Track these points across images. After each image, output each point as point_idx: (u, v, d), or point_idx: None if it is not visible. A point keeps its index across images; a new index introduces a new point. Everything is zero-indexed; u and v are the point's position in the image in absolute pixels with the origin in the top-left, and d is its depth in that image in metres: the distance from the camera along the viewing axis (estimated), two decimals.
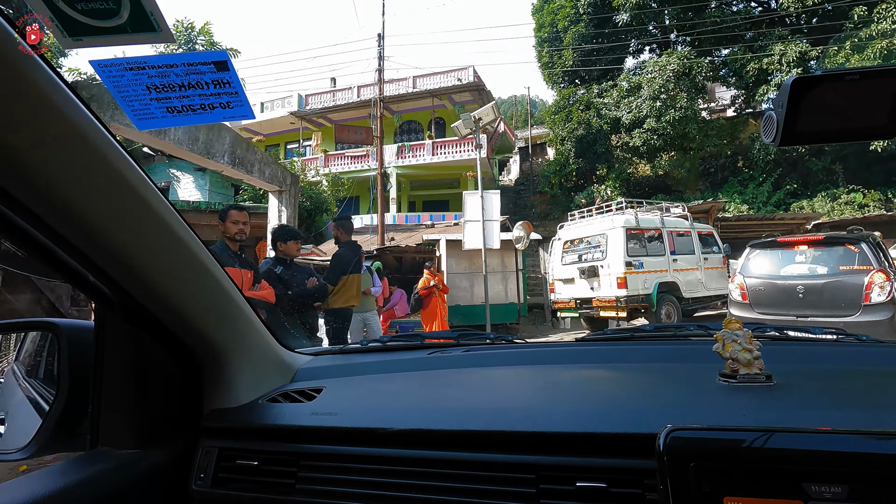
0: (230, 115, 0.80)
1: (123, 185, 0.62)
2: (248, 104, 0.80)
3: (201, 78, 0.76)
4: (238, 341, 0.94)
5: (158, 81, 0.75)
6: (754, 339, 0.83)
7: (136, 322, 0.80)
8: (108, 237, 0.64)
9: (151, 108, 0.77)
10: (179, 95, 0.77)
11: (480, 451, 0.73)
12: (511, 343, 1.41)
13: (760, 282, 5.73)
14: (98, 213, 0.61)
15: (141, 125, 0.76)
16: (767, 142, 0.69)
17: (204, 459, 0.88)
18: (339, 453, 0.81)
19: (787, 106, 0.64)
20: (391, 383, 1.08)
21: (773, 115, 0.67)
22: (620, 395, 0.88)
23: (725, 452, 0.55)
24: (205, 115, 0.79)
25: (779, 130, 0.65)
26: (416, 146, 21.34)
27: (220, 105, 0.78)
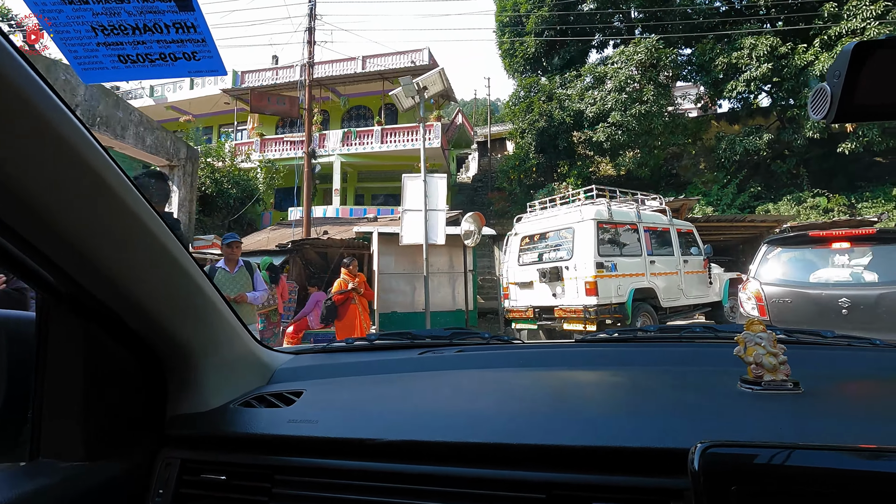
0: (196, 68, 0.67)
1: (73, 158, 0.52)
2: (218, 56, 0.67)
3: (159, 19, 0.63)
4: (208, 338, 0.84)
5: (106, 21, 0.62)
6: (779, 342, 0.76)
7: (87, 315, 0.70)
8: (55, 218, 0.54)
9: (99, 55, 0.64)
10: (133, 41, 0.64)
11: (482, 466, 0.65)
12: (508, 343, 1.32)
13: (785, 291, 4.19)
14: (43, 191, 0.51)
15: (87, 77, 0.64)
16: (817, 118, 0.62)
17: (164, 472, 0.78)
18: (319, 467, 0.72)
19: (845, 76, 0.56)
20: (379, 386, 0.99)
21: (825, 87, 0.60)
22: (636, 402, 0.78)
23: (772, 473, 0.48)
24: (165, 67, 0.66)
25: (833, 104, 0.58)
26: (363, 132, 19.33)
27: (183, 55, 0.65)
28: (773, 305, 4.18)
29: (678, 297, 7.80)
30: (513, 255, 8.28)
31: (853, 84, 0.57)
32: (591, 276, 6.66)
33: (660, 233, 7.87)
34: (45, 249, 0.59)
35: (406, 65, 19.03)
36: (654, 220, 7.93)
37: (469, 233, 8.56)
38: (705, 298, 8.37)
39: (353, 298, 6.16)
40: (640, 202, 8.46)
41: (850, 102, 0.58)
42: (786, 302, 4.13)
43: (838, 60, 0.57)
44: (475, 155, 27.41)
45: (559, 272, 7.14)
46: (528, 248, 8.03)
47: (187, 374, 0.84)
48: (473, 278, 10.13)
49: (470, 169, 27.51)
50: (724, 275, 9.23)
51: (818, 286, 4.10)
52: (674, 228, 8.08)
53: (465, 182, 25.37)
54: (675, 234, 8.05)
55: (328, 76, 19.90)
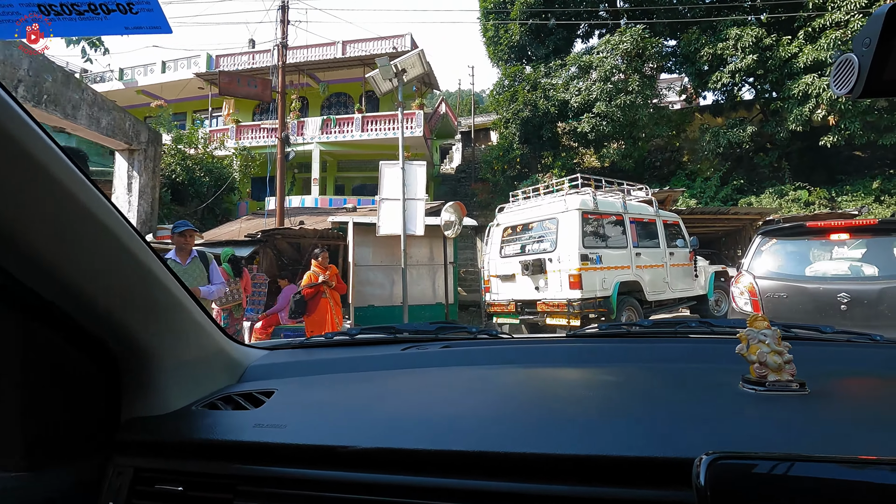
0: (134, 24, 0.58)
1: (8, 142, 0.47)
2: (159, 8, 0.60)
3: None
4: (168, 334, 0.77)
5: None
6: (784, 339, 0.73)
7: (24, 310, 0.62)
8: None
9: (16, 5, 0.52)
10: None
11: (466, 477, 0.60)
12: (496, 338, 1.26)
13: (780, 285, 3.93)
14: None
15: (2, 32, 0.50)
16: (840, 93, 0.55)
17: (115, 482, 0.71)
18: (286, 477, 0.65)
19: (877, 44, 0.51)
20: (356, 386, 0.92)
21: (852, 58, 0.54)
22: (633, 405, 0.73)
23: (783, 487, 0.45)
24: (96, 21, 0.57)
25: (862, 77, 0.52)
26: (343, 120, 18.76)
27: (118, 7, 0.57)
28: (767, 300, 3.93)
29: (664, 290, 7.58)
30: (494, 247, 7.96)
31: (886, 54, 0.51)
32: (576, 268, 6.38)
33: (646, 224, 7.63)
34: None
35: (388, 51, 18.47)
36: (640, 210, 7.68)
37: (449, 223, 8.21)
38: (691, 292, 8.18)
39: (324, 292, 5.77)
40: (626, 192, 8.19)
41: (880, 75, 0.52)
42: (781, 297, 3.88)
43: (869, 26, 0.52)
44: (459, 145, 27.02)
45: (542, 265, 6.84)
46: (511, 240, 7.72)
47: (145, 373, 0.77)
48: (454, 271, 9.80)
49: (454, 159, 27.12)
50: (709, 268, 9.07)
51: (815, 280, 3.85)
52: (660, 220, 7.84)
53: (448, 173, 25.01)
54: (662, 226, 7.81)
55: (307, 61, 19.23)
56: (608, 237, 6.96)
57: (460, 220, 8.27)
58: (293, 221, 11.19)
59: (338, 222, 9.98)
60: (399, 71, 8.30)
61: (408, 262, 7.91)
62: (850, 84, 0.54)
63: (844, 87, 0.55)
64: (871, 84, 0.52)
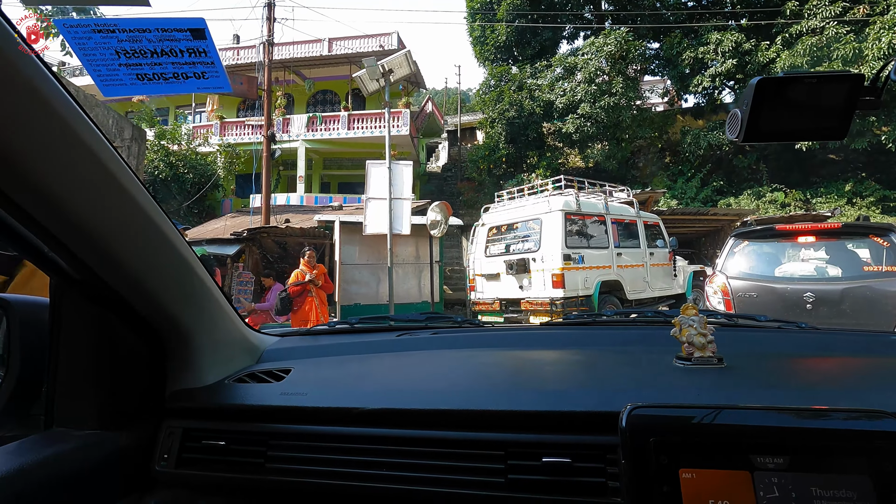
0: (205, 85, 0.76)
1: (91, 156, 0.58)
2: (224, 76, 0.77)
3: (175, 45, 0.72)
4: (204, 321, 0.90)
5: (129, 46, 0.71)
6: (708, 324, 0.89)
7: (96, 299, 0.76)
8: (73, 209, 0.60)
9: (120, 74, 0.72)
10: (151, 62, 0.73)
11: (452, 429, 0.74)
12: (479, 326, 1.40)
13: (751, 285, 4.11)
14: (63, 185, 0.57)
15: (107, 91, 0.72)
16: (731, 138, 0.72)
17: (167, 440, 0.85)
18: (309, 432, 0.79)
19: (751, 104, 0.68)
20: (360, 364, 1.07)
21: (737, 112, 0.71)
22: (584, 376, 0.90)
23: (681, 428, 0.58)
24: (177, 84, 0.74)
25: (742, 127, 0.70)
26: (329, 118, 18.68)
27: (194, 75, 0.75)
28: (738, 300, 4.11)
29: (644, 289, 7.78)
30: (480, 247, 8.07)
31: (758, 111, 0.67)
32: (559, 268, 6.52)
33: (627, 225, 7.81)
34: (62, 237, 0.63)
35: (374, 48, 18.45)
36: (621, 211, 7.86)
37: (435, 222, 8.30)
38: (670, 291, 8.40)
39: (311, 290, 5.82)
40: (609, 193, 8.37)
41: (756, 126, 0.68)
42: (751, 296, 4.06)
43: (746, 92, 0.67)
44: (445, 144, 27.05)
45: (526, 264, 6.98)
46: (496, 239, 7.84)
47: (185, 353, 0.89)
48: (440, 269, 9.90)
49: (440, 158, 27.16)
50: (688, 267, 9.32)
51: (783, 280, 4.04)
52: (641, 221, 8.03)
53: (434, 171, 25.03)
54: (642, 227, 8.01)
55: (292, 58, 19.09)
56: (590, 237, 7.12)
57: (446, 220, 8.36)
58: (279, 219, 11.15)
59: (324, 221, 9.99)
60: (386, 71, 8.35)
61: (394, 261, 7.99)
62: (737, 131, 0.70)
63: (733, 133, 0.71)
64: (749, 132, 0.68)
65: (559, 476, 0.66)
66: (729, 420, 0.59)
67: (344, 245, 8.92)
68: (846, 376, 0.89)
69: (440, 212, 8.30)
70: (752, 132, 0.69)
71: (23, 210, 0.59)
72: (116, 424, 0.80)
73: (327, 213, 11.80)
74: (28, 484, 0.64)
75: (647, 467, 0.57)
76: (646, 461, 0.57)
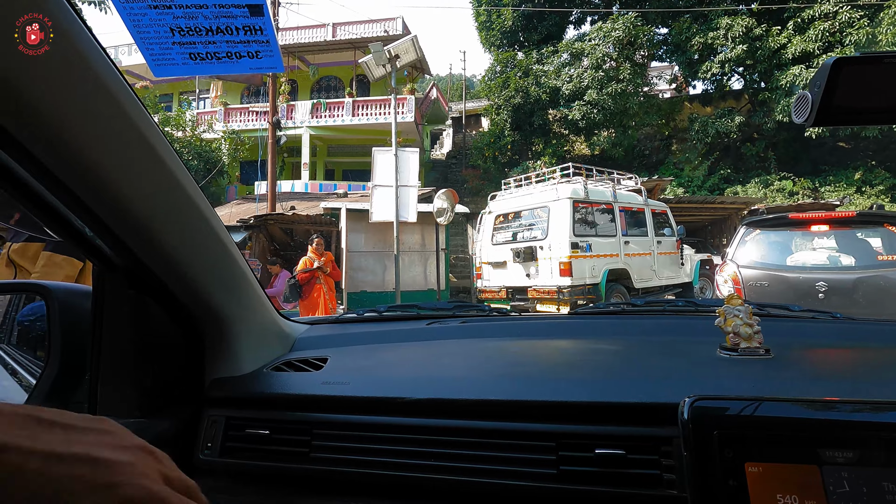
0: (257, 65, 0.73)
1: (141, 140, 0.58)
2: (278, 55, 0.73)
3: (232, 22, 0.70)
4: (242, 309, 0.90)
5: (184, 24, 0.68)
6: (754, 314, 0.87)
7: (137, 285, 0.77)
8: (122, 194, 0.60)
9: (172, 53, 0.70)
10: (205, 41, 0.70)
11: (500, 420, 0.73)
12: (506, 315, 1.39)
13: (762, 274, 4.09)
14: (114, 167, 0.58)
15: (158, 71, 0.71)
16: (799, 121, 0.72)
17: (210, 429, 0.85)
18: (353, 422, 0.79)
19: (825, 86, 0.66)
20: (395, 353, 1.07)
21: (807, 94, 0.69)
22: (629, 366, 0.88)
23: (746, 421, 0.57)
24: (230, 63, 0.72)
25: (813, 110, 0.68)
26: (333, 104, 18.54)
27: (247, 54, 0.72)
28: (749, 289, 4.10)
29: (651, 277, 7.76)
30: (486, 234, 8.06)
31: (832, 93, 0.65)
32: (566, 256, 6.51)
33: (634, 213, 7.77)
34: (108, 221, 0.63)
35: (379, 34, 18.23)
36: (629, 199, 7.81)
37: (442, 210, 8.27)
38: (677, 279, 8.38)
39: (319, 277, 5.83)
40: (616, 181, 8.32)
41: (828, 109, 0.67)
42: (763, 285, 4.05)
43: (819, 73, 0.66)
44: (450, 131, 26.86)
45: (533, 252, 6.96)
46: (502, 227, 7.82)
47: (223, 340, 0.89)
48: (446, 257, 9.90)
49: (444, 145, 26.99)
50: (695, 256, 9.28)
51: (795, 269, 4.02)
52: (648, 209, 7.99)
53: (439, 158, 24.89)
54: (650, 215, 7.97)
55: (296, 43, 18.91)
56: (598, 225, 7.09)
57: (452, 207, 8.33)
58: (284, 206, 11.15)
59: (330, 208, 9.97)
60: (393, 56, 8.27)
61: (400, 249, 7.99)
62: (806, 114, 0.69)
63: (801, 116, 0.70)
64: (820, 115, 0.67)
65: (612, 468, 0.65)
66: (793, 413, 0.57)
67: (350, 232, 8.92)
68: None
69: (447, 199, 8.26)
70: (824, 115, 0.67)
71: (73, 194, 0.58)
72: (157, 412, 0.80)
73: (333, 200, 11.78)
74: None
75: (712, 461, 0.56)
76: (710, 454, 0.56)
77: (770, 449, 0.55)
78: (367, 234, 9.10)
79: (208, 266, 0.78)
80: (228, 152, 17.34)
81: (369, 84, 19.41)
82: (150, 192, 0.63)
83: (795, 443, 0.55)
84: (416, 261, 9.64)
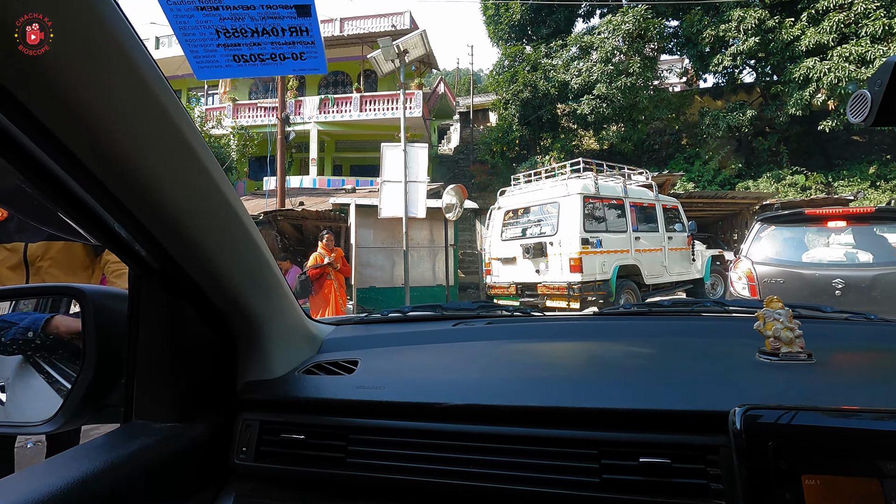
0: (301, 67, 0.71)
1: (183, 141, 0.58)
2: (322, 56, 0.72)
3: (278, 24, 0.68)
4: (273, 311, 0.88)
5: (230, 25, 0.67)
6: (794, 318, 0.84)
7: (173, 289, 0.76)
8: (164, 197, 0.60)
9: (217, 55, 0.69)
10: (250, 42, 0.69)
11: (540, 426, 0.72)
12: (530, 315, 1.37)
13: (778, 271, 4.04)
14: (157, 170, 0.58)
15: (201, 74, 0.70)
16: (855, 121, 0.69)
17: (245, 433, 0.84)
18: (390, 427, 0.78)
19: (887, 84, 0.64)
20: (427, 355, 1.05)
21: (866, 94, 0.67)
22: (669, 371, 0.86)
23: (801, 431, 0.56)
24: (273, 65, 0.71)
25: (873, 109, 0.66)
26: (341, 100, 18.54)
27: (292, 56, 0.71)
28: (764, 286, 4.05)
29: (661, 274, 7.71)
30: (495, 230, 8.04)
31: (893, 92, 0.63)
32: (577, 252, 6.48)
33: (645, 208, 7.71)
34: (150, 227, 0.63)
35: (386, 28, 18.18)
36: (640, 195, 7.75)
37: (451, 206, 8.25)
38: (688, 275, 8.32)
39: (329, 273, 5.85)
40: (627, 177, 8.25)
41: (890, 109, 0.64)
42: (778, 282, 4.00)
43: (881, 70, 0.64)
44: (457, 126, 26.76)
45: (543, 248, 6.94)
46: (512, 223, 7.79)
47: (255, 344, 0.88)
48: (454, 253, 9.90)
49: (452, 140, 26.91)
50: (706, 252, 9.20)
51: (811, 266, 3.96)
52: (659, 204, 7.92)
53: (446, 154, 24.84)
54: (661, 211, 7.90)
55: None
56: (608, 221, 7.04)
57: (461, 203, 8.31)
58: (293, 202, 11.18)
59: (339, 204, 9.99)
60: (402, 51, 8.23)
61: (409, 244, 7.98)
62: (864, 115, 0.67)
63: (859, 115, 0.68)
64: (881, 115, 0.65)
65: (657, 476, 0.63)
66: (851, 424, 0.55)
67: (359, 228, 8.94)
68: None
69: (455, 195, 8.24)
70: (885, 115, 0.64)
71: (116, 199, 0.58)
72: (192, 416, 0.80)
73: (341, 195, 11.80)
74: (119, 477, 0.65)
75: (766, 472, 0.54)
76: (764, 466, 0.54)
77: (828, 461, 0.53)
78: (375, 230, 9.11)
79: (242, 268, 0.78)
80: (237, 148, 17.41)
81: (377, 79, 19.37)
82: (189, 194, 0.62)
83: (855, 455, 0.53)
84: (425, 256, 9.63)
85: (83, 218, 0.62)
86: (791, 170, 16.09)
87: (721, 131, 16.35)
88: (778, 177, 15.99)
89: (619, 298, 6.83)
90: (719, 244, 12.29)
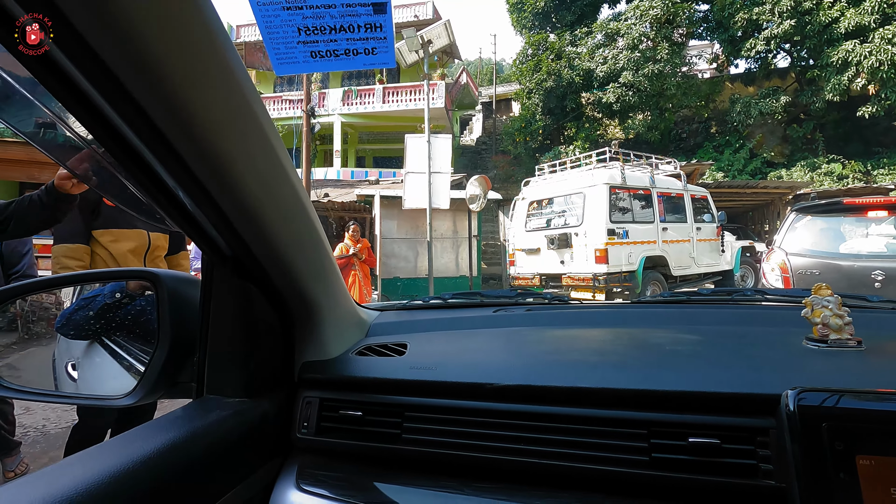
0: (371, 61, 0.75)
1: (261, 130, 0.60)
2: (392, 50, 0.74)
3: (355, 21, 0.72)
4: (329, 296, 0.93)
5: (311, 23, 0.72)
6: (843, 305, 0.84)
7: (242, 274, 0.81)
8: (248, 189, 0.63)
9: (296, 52, 0.73)
10: (327, 39, 0.73)
11: (590, 406, 0.74)
12: (566, 303, 1.40)
13: (813, 262, 3.93)
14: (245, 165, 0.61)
15: (281, 70, 0.74)
16: None
17: (305, 410, 0.89)
18: (443, 406, 0.81)
19: None
20: (473, 339, 1.08)
21: None
22: (717, 355, 0.86)
23: (855, 413, 0.57)
24: (347, 60, 0.75)
25: None
26: (364, 91, 18.63)
27: (364, 51, 0.74)
28: (799, 277, 3.95)
29: (689, 265, 7.57)
30: (519, 221, 8.01)
31: None
32: (602, 243, 6.42)
33: (673, 199, 7.56)
34: (231, 216, 0.67)
35: (409, 18, 18.12)
36: (667, 185, 7.60)
37: (474, 197, 8.26)
38: (717, 267, 8.15)
39: (354, 264, 5.94)
40: (654, 166, 8.10)
41: None
42: (813, 274, 3.89)
43: None
44: (479, 116, 26.58)
45: (568, 239, 6.89)
46: (536, 214, 7.75)
47: (313, 326, 0.92)
48: (478, 244, 9.90)
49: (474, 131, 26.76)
50: (735, 243, 8.98)
51: (849, 257, 3.84)
52: (688, 194, 7.76)
53: (468, 144, 24.74)
54: (689, 201, 7.74)
55: None
56: (635, 212, 6.94)
57: (485, 194, 8.30)
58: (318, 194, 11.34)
59: (363, 195, 10.10)
60: (426, 42, 8.23)
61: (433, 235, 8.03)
62: None
63: None
64: None
65: (706, 456, 0.65)
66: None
67: (384, 219, 9.02)
68: None
69: (479, 186, 8.24)
70: None
71: (208, 194, 0.62)
72: (258, 393, 0.85)
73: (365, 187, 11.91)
74: (200, 445, 0.69)
75: (821, 453, 0.55)
76: (818, 446, 0.55)
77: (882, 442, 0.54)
78: (399, 221, 9.19)
79: (305, 255, 0.82)
80: None
81: (399, 70, 19.37)
82: (265, 184, 0.66)
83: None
84: (448, 247, 9.68)
85: (175, 210, 0.67)
86: (827, 158, 15.51)
87: (753, 119, 15.83)
88: (813, 165, 15.44)
89: (645, 290, 6.75)
90: (749, 235, 11.97)
